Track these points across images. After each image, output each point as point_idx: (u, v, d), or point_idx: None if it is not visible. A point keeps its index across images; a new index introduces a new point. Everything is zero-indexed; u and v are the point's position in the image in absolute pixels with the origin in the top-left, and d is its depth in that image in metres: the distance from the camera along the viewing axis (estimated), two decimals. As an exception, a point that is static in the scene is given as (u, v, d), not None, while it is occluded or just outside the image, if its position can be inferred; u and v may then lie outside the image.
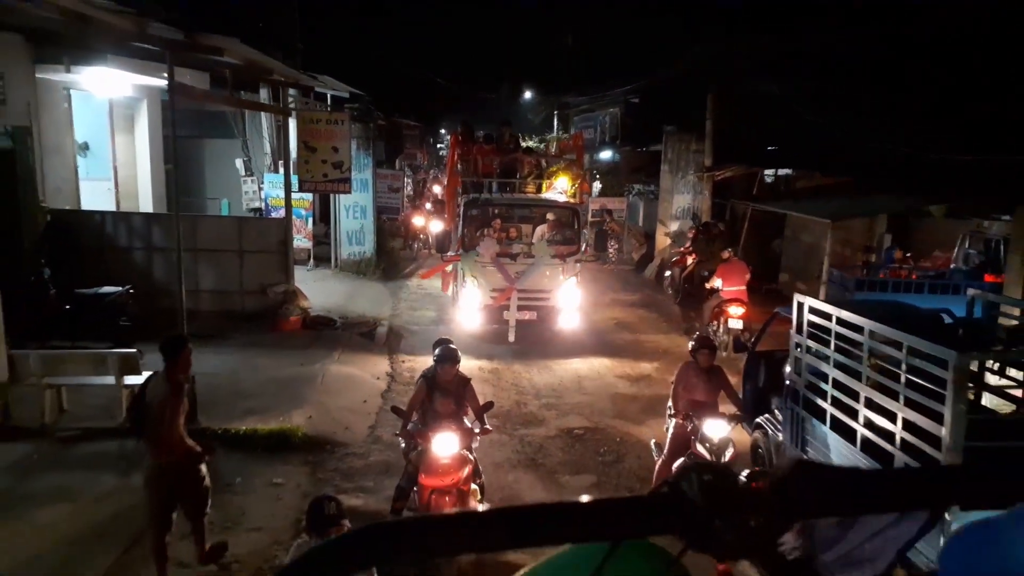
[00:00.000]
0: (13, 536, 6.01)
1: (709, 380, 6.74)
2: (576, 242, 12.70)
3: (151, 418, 5.41)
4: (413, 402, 6.33)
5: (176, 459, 5.48)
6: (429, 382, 6.30)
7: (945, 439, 4.57)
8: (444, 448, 5.79)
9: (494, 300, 12.14)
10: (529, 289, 12.19)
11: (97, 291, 10.96)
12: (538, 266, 12.20)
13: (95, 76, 13.11)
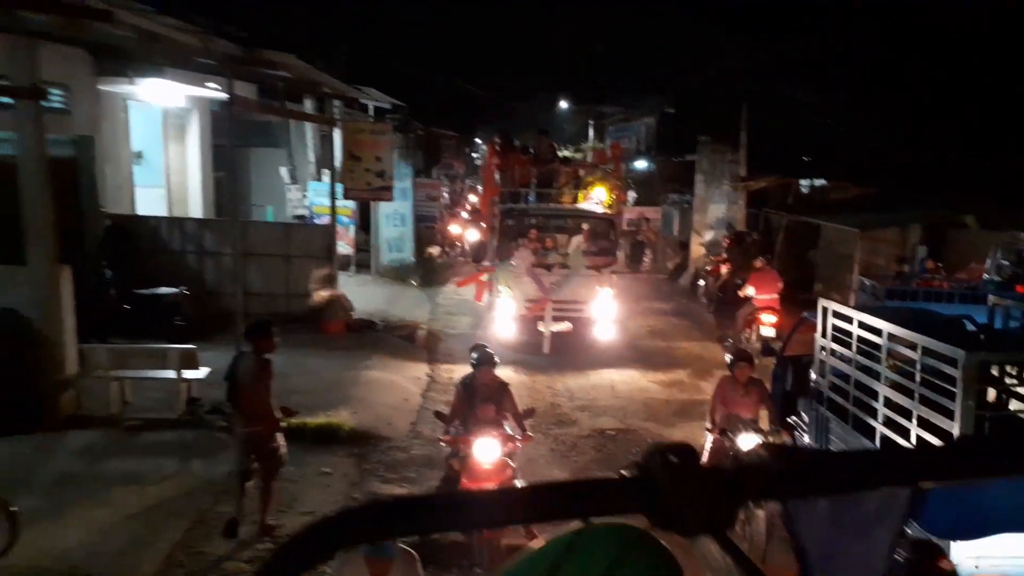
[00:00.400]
0: (87, 513, 6.53)
1: (748, 394, 6.65)
2: (612, 253, 12.69)
3: (241, 391, 6.24)
4: (454, 408, 6.38)
5: (260, 428, 6.25)
6: (468, 388, 6.34)
7: (956, 434, 4.84)
8: (486, 454, 5.81)
9: (529, 311, 12.07)
10: (564, 300, 12.10)
11: (154, 291, 11.61)
12: (573, 277, 12.19)
13: (152, 88, 13.84)
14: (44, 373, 8.32)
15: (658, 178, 23.55)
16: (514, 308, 12.10)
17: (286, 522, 6.64)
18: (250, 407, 6.28)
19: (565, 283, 12.13)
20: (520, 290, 12.11)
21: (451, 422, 6.26)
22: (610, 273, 12.36)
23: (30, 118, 7.89)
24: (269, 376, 6.36)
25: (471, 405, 6.21)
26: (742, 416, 6.49)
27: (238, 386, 6.30)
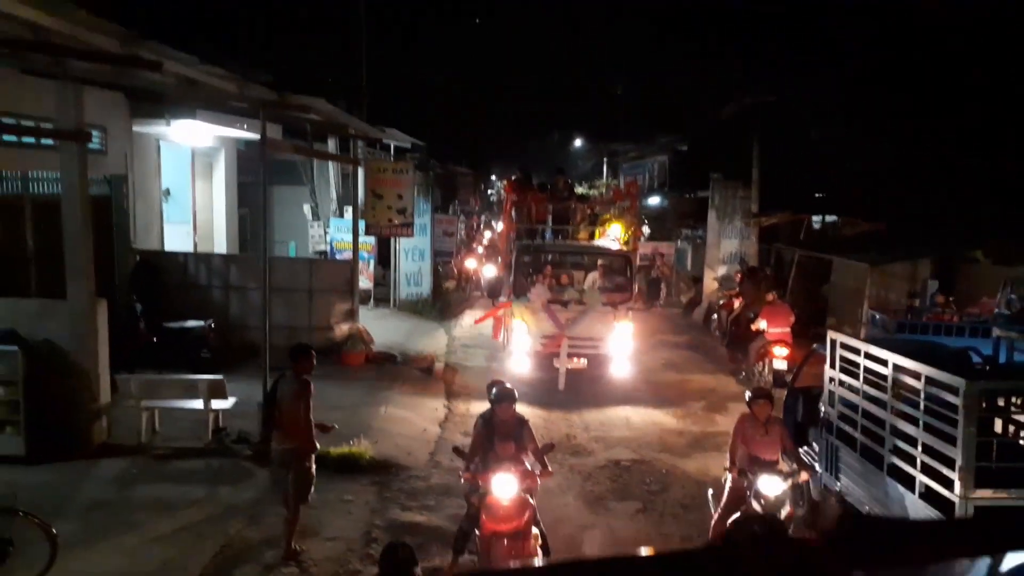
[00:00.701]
0: (119, 538, 6.78)
1: (768, 432, 6.50)
2: (628, 290, 12.68)
3: (281, 410, 6.63)
4: (473, 444, 6.38)
5: (297, 446, 6.63)
6: (487, 424, 6.31)
7: (958, 460, 5.03)
8: (503, 490, 5.77)
9: (544, 347, 12.09)
10: (580, 336, 12.08)
11: (182, 325, 11.97)
12: (589, 313, 12.17)
13: (183, 128, 14.41)
14: (79, 403, 8.64)
15: (671, 214, 23.90)
16: (530, 344, 12.14)
17: (311, 547, 6.87)
18: (288, 425, 6.68)
19: (581, 319, 12.13)
20: (536, 326, 12.14)
21: (471, 459, 6.25)
22: (626, 310, 12.35)
23: (74, 159, 8.33)
24: (308, 396, 6.74)
25: (490, 441, 6.16)
26: (762, 456, 6.41)
27: (278, 405, 6.71)
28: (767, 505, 6.00)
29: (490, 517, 5.75)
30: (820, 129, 18.40)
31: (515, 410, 6.34)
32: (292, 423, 6.65)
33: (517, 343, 12.25)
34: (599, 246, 13.28)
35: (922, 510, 5.53)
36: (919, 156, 16.55)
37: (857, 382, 6.51)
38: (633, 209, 14.07)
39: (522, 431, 6.28)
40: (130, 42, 6.75)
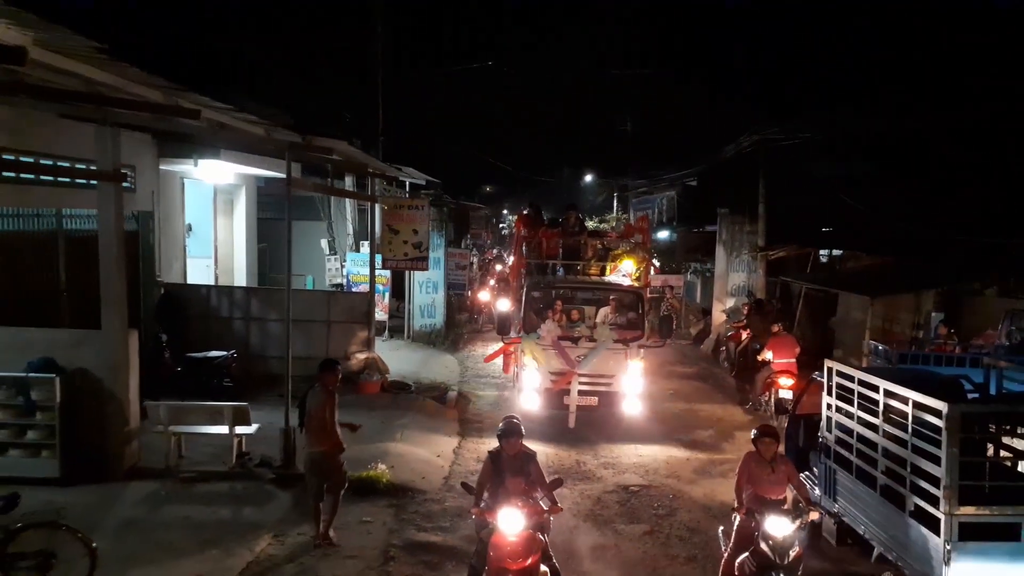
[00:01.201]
0: (151, 554, 7.14)
1: (774, 471, 6.37)
2: (639, 326, 12.49)
3: (311, 418, 7.38)
4: (482, 480, 6.30)
5: (326, 449, 7.50)
6: (495, 460, 6.26)
7: (943, 478, 5.35)
8: (509, 525, 5.72)
9: (554, 384, 11.91)
10: (590, 373, 11.93)
11: (206, 355, 12.42)
12: (600, 350, 11.97)
13: (207, 167, 15.01)
14: (112, 428, 9.05)
15: (680, 247, 24.32)
16: (540, 381, 11.96)
17: (332, 563, 7.22)
18: (317, 431, 7.48)
19: (592, 356, 11.96)
20: (546, 363, 12.00)
21: (479, 495, 6.20)
22: (637, 347, 12.15)
23: (111, 198, 8.86)
24: (333, 404, 7.61)
25: (499, 477, 6.14)
26: (769, 495, 6.30)
27: (309, 413, 7.45)
28: (775, 546, 5.90)
29: (497, 554, 5.64)
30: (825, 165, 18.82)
31: (522, 445, 6.29)
32: (320, 429, 7.47)
33: (527, 380, 12.08)
34: (610, 282, 13.09)
35: (907, 524, 5.84)
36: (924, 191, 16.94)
37: (852, 408, 6.84)
38: (645, 244, 13.86)
39: (530, 465, 6.24)
40: (172, 92, 7.29)
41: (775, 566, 5.88)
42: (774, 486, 6.34)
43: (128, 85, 6.80)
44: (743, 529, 6.31)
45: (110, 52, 5.57)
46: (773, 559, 5.87)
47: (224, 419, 9.29)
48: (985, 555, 5.41)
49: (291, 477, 9.24)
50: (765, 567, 5.94)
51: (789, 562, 5.88)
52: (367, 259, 16.80)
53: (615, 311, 13.05)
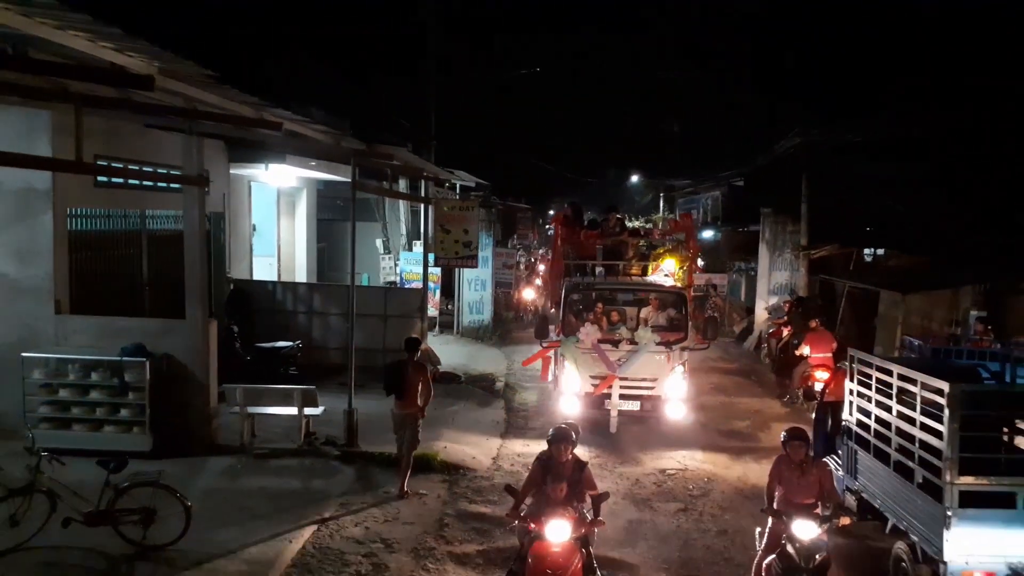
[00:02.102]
0: (233, 516, 8.05)
1: (804, 475, 6.32)
2: (683, 328, 11.98)
3: (405, 385, 9.07)
4: (527, 485, 6.25)
5: (408, 411, 9.06)
6: (544, 464, 6.20)
7: (945, 451, 5.90)
8: (555, 535, 5.66)
9: (595, 388, 11.56)
10: (632, 378, 11.55)
11: (274, 345, 13.42)
12: (642, 353, 11.55)
13: (273, 171, 16.05)
14: (194, 408, 10.06)
15: (724, 247, 24.68)
16: (580, 385, 11.64)
17: (391, 528, 8.03)
18: (408, 396, 9.06)
19: (633, 360, 11.56)
20: (586, 366, 11.66)
21: (522, 499, 6.14)
22: (681, 349, 11.72)
23: (194, 200, 9.86)
24: (419, 375, 9.17)
25: (544, 483, 6.05)
26: (798, 498, 6.27)
27: (399, 381, 9.10)
28: (801, 549, 5.88)
29: (537, 563, 5.59)
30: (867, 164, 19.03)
31: (574, 453, 6.24)
32: (411, 395, 9.08)
33: (567, 384, 11.73)
34: (652, 282, 12.74)
35: (915, 493, 6.38)
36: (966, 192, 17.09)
37: (870, 392, 7.38)
38: (689, 243, 13.38)
39: (580, 475, 6.16)
40: (259, 107, 8.21)
41: (799, 569, 5.84)
42: (804, 489, 6.27)
43: (224, 102, 7.72)
44: (774, 531, 6.30)
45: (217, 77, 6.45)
46: (798, 562, 5.85)
47: (294, 401, 10.20)
48: (982, 521, 5.92)
49: (354, 455, 10.13)
50: (790, 570, 5.91)
51: (815, 566, 5.85)
52: (419, 258, 17.71)
53: (657, 312, 12.65)
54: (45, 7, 4.77)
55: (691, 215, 22.87)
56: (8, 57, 5.11)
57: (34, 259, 10.26)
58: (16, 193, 10.18)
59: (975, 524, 5.91)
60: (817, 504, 6.29)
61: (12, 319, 10.14)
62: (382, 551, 7.58)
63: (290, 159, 15.02)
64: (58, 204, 10.34)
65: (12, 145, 8.70)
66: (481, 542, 7.93)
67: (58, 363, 9.88)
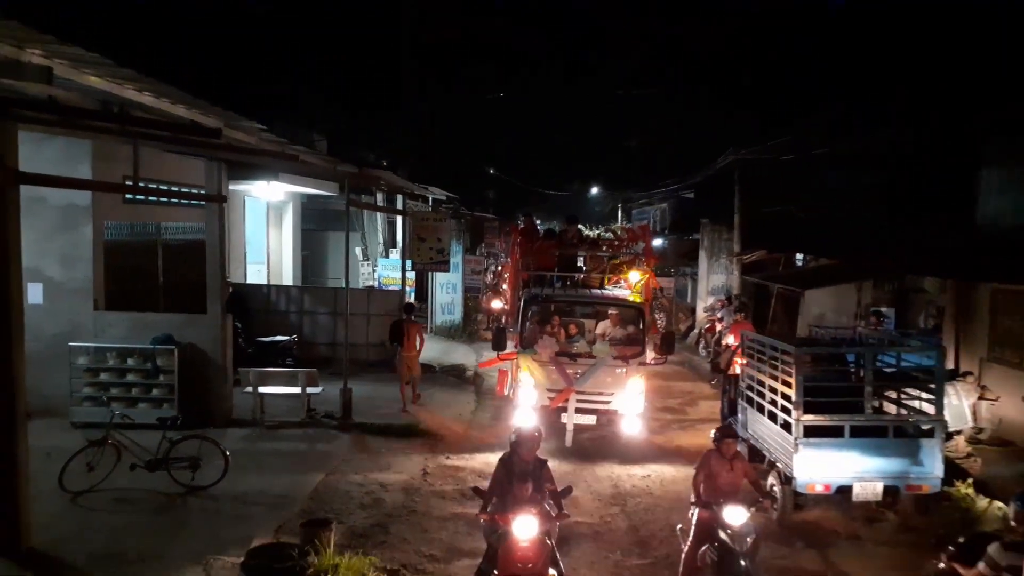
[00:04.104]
0: (255, 470, 10.01)
1: (732, 468, 6.82)
2: (640, 342, 11.90)
3: (408, 336, 12.56)
4: (493, 485, 6.45)
5: (409, 354, 12.09)
6: (507, 465, 6.43)
7: (794, 397, 8.19)
8: (523, 531, 5.87)
9: (551, 402, 11.48)
10: (589, 391, 11.45)
11: (273, 339, 15.41)
12: (599, 367, 11.49)
13: (265, 187, 17.99)
14: (214, 387, 12.02)
15: (671, 254, 27.11)
16: (536, 398, 11.54)
17: (385, 476, 10.10)
18: (407, 343, 13.27)
19: (590, 373, 11.47)
20: (543, 379, 11.56)
21: (488, 499, 6.38)
22: (638, 364, 11.68)
23: (215, 215, 11.87)
24: (414, 329, 13.46)
25: (509, 482, 6.28)
26: (726, 490, 6.74)
27: (401, 334, 13.17)
28: (734, 534, 6.31)
29: (508, 558, 5.83)
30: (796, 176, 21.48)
31: (535, 452, 6.52)
32: (411, 343, 13.40)
33: (523, 397, 11.65)
34: (610, 296, 12.55)
35: (779, 432, 8.66)
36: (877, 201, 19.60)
37: (754, 362, 9.66)
38: (648, 252, 13.34)
39: (541, 472, 6.43)
40: (283, 145, 10.27)
41: (734, 553, 6.29)
42: (731, 482, 6.79)
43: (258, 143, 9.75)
44: (702, 523, 6.68)
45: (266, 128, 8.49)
46: (732, 546, 6.28)
47: (298, 382, 12.23)
48: (819, 446, 8.20)
49: (349, 425, 12.19)
50: (725, 555, 6.35)
51: (747, 548, 6.30)
52: (396, 264, 19.79)
53: (615, 326, 12.56)
54: (139, 82, 6.80)
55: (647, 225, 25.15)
56: (113, 114, 7.11)
57: (76, 264, 12.17)
58: (60, 208, 12.08)
59: (814, 448, 8.19)
60: (739, 491, 6.82)
61: (58, 315, 12.01)
62: (379, 490, 9.64)
63: (283, 177, 16.97)
64: (96, 218, 12.29)
65: (55, 168, 10.52)
66: (456, 484, 10.02)
67: (98, 351, 11.78)
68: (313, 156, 11.34)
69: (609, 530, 8.76)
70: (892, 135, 17.12)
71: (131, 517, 8.43)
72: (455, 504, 9.33)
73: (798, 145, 19.84)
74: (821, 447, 8.19)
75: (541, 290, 12.38)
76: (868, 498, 8.37)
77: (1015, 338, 11.90)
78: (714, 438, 7.06)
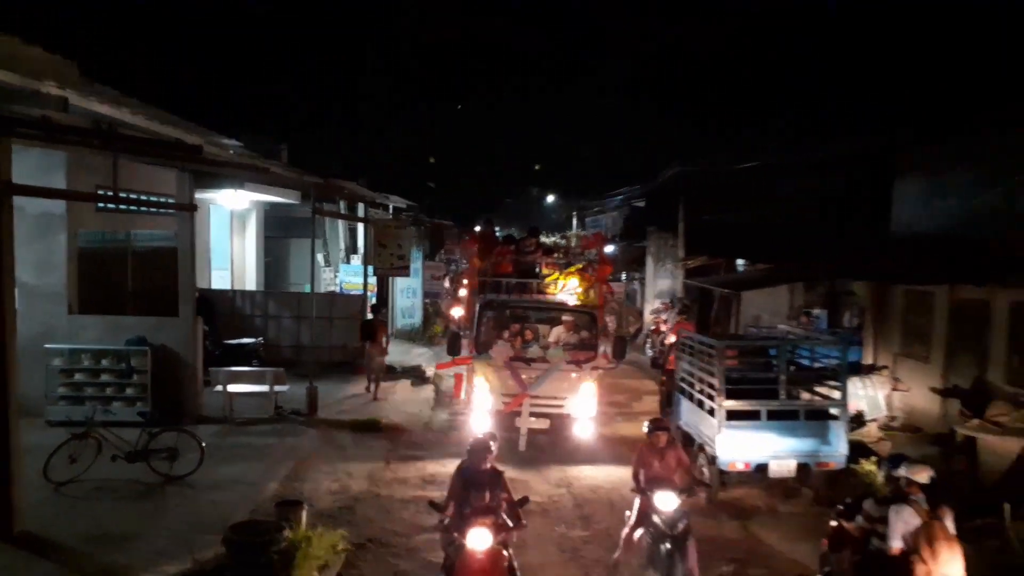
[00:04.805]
0: (229, 461, 10.71)
1: (664, 458, 7.38)
2: (594, 347, 12.15)
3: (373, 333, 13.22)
4: (449, 497, 6.45)
5: (376, 349, 12.97)
6: (463, 476, 6.47)
7: (717, 384, 9.24)
8: (478, 542, 5.91)
9: (506, 406, 11.66)
10: (543, 396, 11.68)
11: (240, 341, 16.04)
12: (553, 372, 11.74)
13: (228, 195, 18.61)
14: (185, 387, 12.67)
15: (621, 260, 28.28)
16: (491, 403, 11.74)
17: (351, 466, 10.89)
18: (375, 339, 14.57)
19: (544, 378, 11.70)
20: (498, 384, 11.76)
21: (445, 510, 6.35)
22: (592, 368, 11.94)
23: (186, 223, 12.54)
24: (382, 328, 14.23)
25: (465, 492, 6.31)
26: (661, 478, 7.25)
27: (371, 331, 13.64)
28: (666, 519, 6.84)
29: (465, 570, 5.87)
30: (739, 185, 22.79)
31: (491, 463, 6.52)
32: (379, 339, 14.78)
33: (478, 402, 11.83)
34: (564, 301, 12.64)
35: (706, 417, 9.71)
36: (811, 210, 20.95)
37: (687, 356, 10.72)
38: (601, 259, 13.52)
39: (497, 483, 6.42)
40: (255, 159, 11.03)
41: (665, 536, 6.82)
42: (665, 470, 7.33)
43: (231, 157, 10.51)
44: (642, 507, 7.22)
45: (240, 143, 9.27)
46: (664, 530, 6.82)
47: (266, 380, 12.95)
48: (740, 428, 9.27)
49: (315, 421, 12.95)
50: (657, 537, 6.89)
51: (678, 533, 6.80)
52: (357, 269, 20.52)
53: (569, 331, 12.81)
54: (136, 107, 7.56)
55: (602, 233, 26.31)
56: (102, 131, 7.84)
57: (51, 270, 12.72)
58: (36, 217, 12.61)
59: (735, 430, 9.25)
60: (674, 479, 7.31)
61: (33, 319, 12.49)
62: (345, 477, 10.45)
63: (248, 185, 17.63)
64: (71, 226, 12.86)
65: (31, 178, 11.04)
66: (416, 472, 10.88)
67: (72, 352, 12.34)
68: (282, 169, 12.13)
69: (556, 508, 9.71)
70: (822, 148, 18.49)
71: (114, 503, 9.10)
72: (416, 489, 10.18)
73: (737, 158, 21.16)
74: (741, 429, 9.26)
75: (497, 296, 12.56)
76: (783, 474, 9.46)
77: (923, 335, 13.16)
78: (647, 431, 7.58)
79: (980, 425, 10.04)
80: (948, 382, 12.00)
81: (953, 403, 11.53)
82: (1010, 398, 10.38)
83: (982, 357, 11.36)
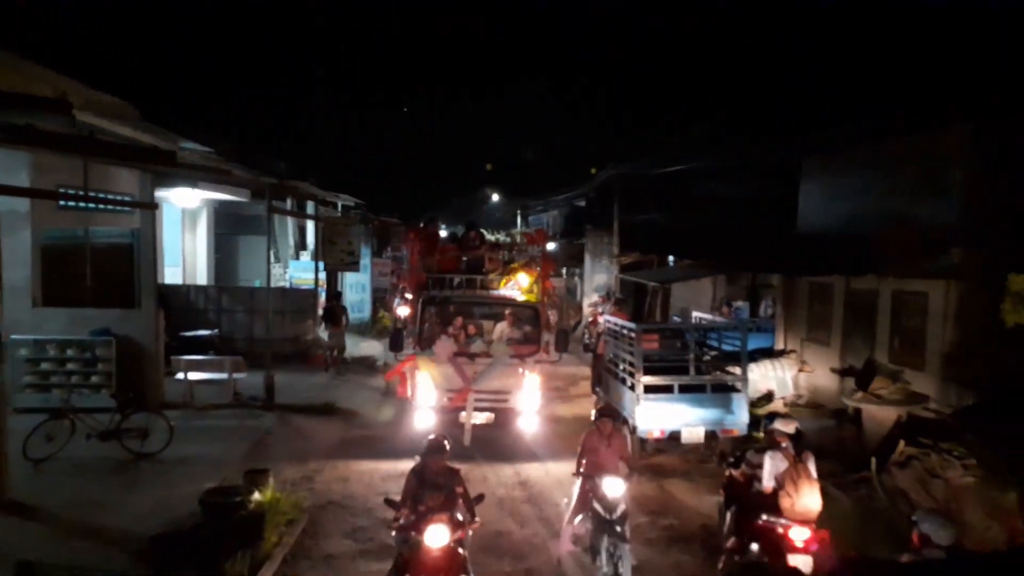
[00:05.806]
0: (193, 441, 11.56)
1: (610, 445, 7.67)
2: (536, 341, 12.28)
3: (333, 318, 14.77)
4: (404, 497, 6.44)
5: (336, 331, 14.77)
6: (418, 476, 6.48)
7: (636, 363, 10.55)
8: (434, 540, 5.93)
9: (450, 401, 11.71)
10: (486, 390, 11.73)
11: (196, 333, 16.78)
12: (496, 366, 11.75)
13: (181, 193, 19.26)
14: (147, 375, 13.43)
15: (561, 256, 29.67)
16: (435, 398, 11.75)
17: (310, 446, 11.86)
18: (337, 327, 16.31)
19: (488, 373, 11.73)
20: (442, 380, 11.77)
21: (400, 509, 6.34)
22: (534, 362, 12.04)
23: (149, 220, 13.33)
24: (342, 312, 16.76)
25: (420, 492, 6.36)
26: (605, 464, 7.50)
27: (332, 316, 14.59)
28: (607, 503, 7.16)
29: (419, 567, 5.88)
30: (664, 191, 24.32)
31: (445, 462, 6.52)
32: (338, 323, 16.64)
33: (422, 398, 11.82)
34: (507, 296, 12.77)
35: (628, 392, 11.01)
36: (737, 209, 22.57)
37: (613, 340, 12.01)
38: (543, 254, 13.76)
39: (453, 481, 6.47)
40: (219, 162, 11.90)
41: (607, 520, 7.18)
42: (609, 457, 7.61)
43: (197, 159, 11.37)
44: (582, 493, 7.54)
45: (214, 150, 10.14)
46: (603, 515, 7.16)
47: (225, 368, 13.80)
48: (656, 401, 10.58)
49: (273, 406, 13.84)
50: (599, 520, 7.24)
51: (619, 515, 7.19)
52: (307, 265, 21.32)
53: (512, 325, 12.92)
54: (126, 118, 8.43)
55: (543, 230, 27.54)
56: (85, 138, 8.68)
57: (15, 266, 13.23)
58: (1, 215, 13.19)
59: (652, 402, 10.56)
60: (618, 466, 7.59)
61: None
62: (304, 454, 11.43)
63: (201, 184, 18.33)
64: (34, 223, 13.50)
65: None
66: (369, 448, 11.92)
67: (37, 343, 12.99)
68: (242, 170, 12.99)
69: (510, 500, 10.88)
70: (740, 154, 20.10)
71: (91, 476, 9.94)
72: (370, 462, 11.22)
73: (665, 162, 22.68)
74: (657, 401, 10.58)
75: (440, 291, 12.65)
76: (693, 441, 10.82)
77: (824, 322, 14.76)
78: (594, 418, 8.03)
79: (863, 397, 11.57)
80: (844, 363, 13.58)
81: (849, 381, 13.08)
82: (891, 374, 11.96)
83: (871, 339, 12.96)
